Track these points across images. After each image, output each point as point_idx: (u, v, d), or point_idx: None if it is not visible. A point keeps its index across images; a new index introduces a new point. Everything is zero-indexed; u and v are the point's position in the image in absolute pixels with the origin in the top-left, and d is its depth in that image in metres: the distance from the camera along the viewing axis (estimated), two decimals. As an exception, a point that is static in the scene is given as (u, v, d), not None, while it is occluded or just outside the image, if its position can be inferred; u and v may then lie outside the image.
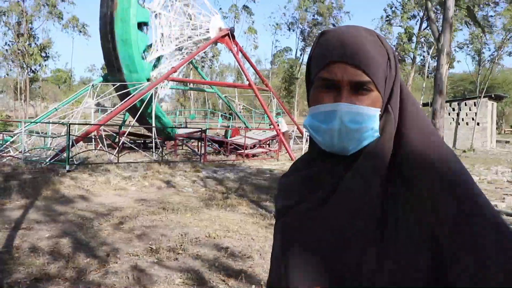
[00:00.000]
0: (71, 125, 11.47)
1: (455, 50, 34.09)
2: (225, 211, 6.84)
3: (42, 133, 13.89)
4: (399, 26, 35.86)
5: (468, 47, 34.10)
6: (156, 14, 15.90)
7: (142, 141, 16.64)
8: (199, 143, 14.64)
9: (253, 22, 65.68)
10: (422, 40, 34.25)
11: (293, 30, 44.62)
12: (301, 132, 19.46)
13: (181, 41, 16.70)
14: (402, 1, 34.51)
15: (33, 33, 34.89)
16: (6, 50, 34.98)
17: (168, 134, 15.36)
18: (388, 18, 35.96)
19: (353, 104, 0.77)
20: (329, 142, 0.79)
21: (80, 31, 37.49)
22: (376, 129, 0.79)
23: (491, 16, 29.39)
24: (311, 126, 0.82)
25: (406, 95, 0.85)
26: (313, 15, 43.07)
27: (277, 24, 48.25)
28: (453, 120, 25.06)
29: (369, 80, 0.77)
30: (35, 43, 34.66)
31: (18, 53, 33.73)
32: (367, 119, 0.78)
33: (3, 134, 14.30)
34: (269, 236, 5.21)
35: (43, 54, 36.17)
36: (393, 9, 35.63)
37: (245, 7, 44.30)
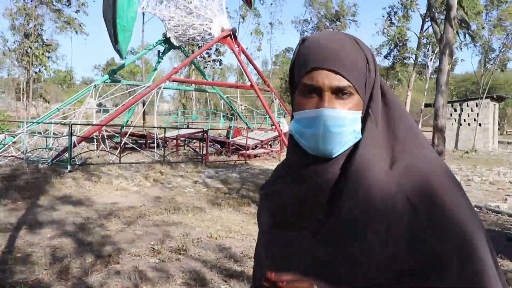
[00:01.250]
0: (73, 126, 11.49)
1: (457, 49, 33.91)
2: (227, 211, 6.84)
3: (44, 133, 13.90)
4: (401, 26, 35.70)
5: (474, 45, 33.86)
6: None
7: (143, 142, 16.65)
8: (201, 144, 14.65)
9: (258, 24, 64.30)
10: (424, 41, 34.12)
11: (308, 24, 44.23)
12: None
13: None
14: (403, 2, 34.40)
15: (39, 34, 34.85)
16: (14, 48, 34.93)
17: None
18: (390, 18, 35.84)
19: (335, 108, 0.80)
20: (314, 146, 0.82)
21: (77, 31, 37.24)
22: (358, 131, 0.82)
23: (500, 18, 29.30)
24: (296, 131, 0.85)
25: (387, 94, 0.87)
26: (321, 19, 42.80)
27: (270, 24, 48.61)
28: (455, 121, 25.03)
29: (349, 85, 0.80)
30: (40, 45, 34.63)
31: (24, 53, 33.74)
32: (349, 123, 0.80)
33: (5, 134, 14.32)
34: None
35: (49, 55, 36.17)
36: (394, 9, 35.55)
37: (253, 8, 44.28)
